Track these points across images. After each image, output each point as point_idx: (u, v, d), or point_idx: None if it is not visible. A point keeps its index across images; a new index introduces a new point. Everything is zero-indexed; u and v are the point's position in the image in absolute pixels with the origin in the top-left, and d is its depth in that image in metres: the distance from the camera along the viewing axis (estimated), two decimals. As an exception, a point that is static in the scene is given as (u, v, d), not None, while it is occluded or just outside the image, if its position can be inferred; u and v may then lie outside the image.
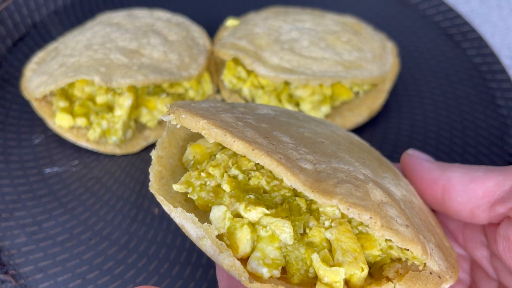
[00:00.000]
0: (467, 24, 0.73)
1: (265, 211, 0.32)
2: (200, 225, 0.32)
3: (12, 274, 0.48)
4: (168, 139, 0.38)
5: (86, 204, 0.54)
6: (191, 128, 0.33)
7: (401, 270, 0.32)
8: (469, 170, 0.38)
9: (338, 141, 0.39)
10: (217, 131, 0.31)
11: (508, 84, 0.64)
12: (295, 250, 0.32)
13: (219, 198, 0.34)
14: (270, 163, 0.29)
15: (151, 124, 0.59)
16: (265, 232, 0.32)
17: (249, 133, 0.32)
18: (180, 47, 0.62)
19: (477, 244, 0.40)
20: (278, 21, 0.64)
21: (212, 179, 0.34)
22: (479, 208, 0.36)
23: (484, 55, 0.69)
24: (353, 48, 0.60)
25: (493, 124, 0.61)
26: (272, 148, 0.31)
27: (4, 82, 0.65)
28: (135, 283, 0.48)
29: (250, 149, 0.30)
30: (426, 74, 0.68)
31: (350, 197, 0.29)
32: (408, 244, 0.30)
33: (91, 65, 0.55)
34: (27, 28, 0.72)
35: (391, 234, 0.29)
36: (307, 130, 0.38)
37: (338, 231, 0.32)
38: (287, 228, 0.31)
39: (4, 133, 0.59)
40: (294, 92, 0.59)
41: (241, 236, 0.32)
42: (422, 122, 0.62)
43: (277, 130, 0.35)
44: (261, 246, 0.32)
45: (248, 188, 0.33)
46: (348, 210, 0.28)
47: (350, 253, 0.31)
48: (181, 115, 0.33)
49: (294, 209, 0.33)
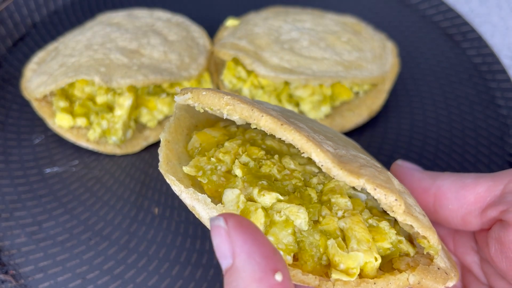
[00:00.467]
0: (467, 24, 0.73)
1: (279, 196, 0.32)
2: (213, 206, 0.31)
3: (12, 274, 0.48)
4: (174, 124, 0.37)
5: (86, 204, 0.54)
6: (212, 106, 0.32)
7: (411, 263, 0.32)
8: (459, 177, 0.38)
9: (343, 140, 0.40)
10: (244, 106, 0.31)
11: (508, 84, 0.64)
12: (309, 236, 0.31)
13: (231, 183, 0.33)
14: (299, 138, 0.29)
15: (151, 124, 0.59)
16: (279, 217, 0.32)
17: (273, 113, 0.31)
18: (180, 47, 0.62)
19: (467, 250, 0.41)
20: (278, 21, 0.64)
21: (222, 164, 0.34)
22: (471, 214, 0.37)
23: (484, 55, 0.69)
24: (353, 48, 0.60)
25: (493, 124, 0.61)
26: (296, 126, 0.31)
27: (4, 82, 0.65)
28: (135, 283, 0.48)
29: (279, 123, 0.29)
30: (426, 74, 0.68)
31: (376, 179, 0.29)
32: (427, 231, 0.30)
33: (91, 65, 0.55)
34: (27, 28, 0.72)
35: (412, 220, 0.30)
36: (314, 126, 0.38)
37: (352, 221, 0.32)
38: (302, 214, 0.31)
39: (4, 133, 0.59)
40: (294, 92, 0.59)
41: (255, 219, 0.31)
42: (422, 122, 0.62)
43: (292, 118, 0.34)
44: (274, 231, 0.31)
45: (260, 175, 0.33)
46: (375, 190, 0.29)
47: (364, 242, 0.31)
48: (202, 92, 0.32)
49: (305, 199, 0.33)
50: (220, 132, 0.37)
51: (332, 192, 0.33)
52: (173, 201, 0.54)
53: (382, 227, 0.33)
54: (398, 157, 0.59)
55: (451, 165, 0.57)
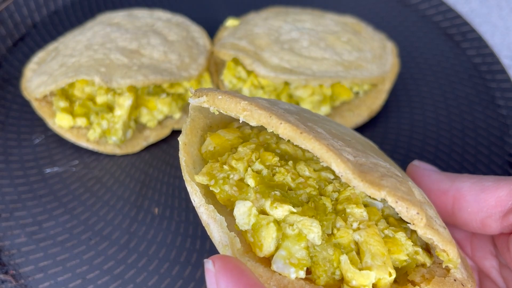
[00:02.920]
0: (467, 24, 0.73)
1: (291, 209, 0.31)
2: (227, 232, 0.31)
3: (12, 274, 0.48)
4: (190, 126, 0.36)
5: (86, 204, 0.54)
6: (228, 110, 0.31)
7: (427, 275, 0.32)
8: (478, 180, 0.38)
9: (361, 142, 0.38)
10: (261, 112, 0.30)
11: (508, 84, 0.64)
12: (323, 251, 0.31)
13: (243, 193, 0.32)
14: (319, 147, 0.28)
15: (151, 124, 0.59)
16: (291, 231, 0.31)
17: (291, 118, 0.30)
18: (180, 47, 0.62)
19: (485, 254, 0.40)
20: (278, 21, 0.64)
21: (235, 173, 0.33)
22: (491, 218, 0.36)
23: (484, 55, 0.69)
24: (353, 48, 0.60)
25: (493, 124, 0.61)
26: (316, 134, 0.30)
27: (4, 82, 0.65)
28: (135, 283, 0.48)
29: (298, 132, 0.28)
30: (426, 74, 0.68)
31: (398, 191, 0.28)
32: (447, 245, 0.29)
33: (91, 65, 0.55)
34: (27, 28, 0.72)
35: (433, 233, 0.29)
36: (332, 128, 0.37)
37: (367, 233, 0.31)
38: (315, 228, 0.30)
39: (4, 133, 0.59)
40: (294, 92, 0.59)
41: (267, 234, 0.30)
42: (422, 122, 0.62)
43: (309, 122, 0.33)
44: (286, 245, 0.30)
45: (273, 184, 0.32)
46: (396, 203, 0.28)
47: (379, 257, 0.30)
48: (218, 96, 0.31)
49: (319, 208, 0.32)
50: (234, 135, 0.36)
51: (348, 201, 0.32)
52: (173, 201, 0.54)
53: (399, 238, 0.32)
54: (398, 157, 0.59)
55: (451, 165, 0.57)
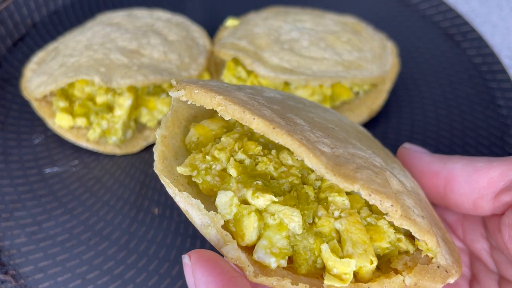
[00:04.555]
0: (467, 24, 0.73)
1: (273, 198, 0.31)
2: (206, 213, 0.31)
3: (12, 274, 0.48)
4: (172, 118, 0.36)
5: (86, 204, 0.54)
6: (204, 105, 0.31)
7: (410, 262, 0.32)
8: (470, 161, 0.37)
9: (346, 129, 0.38)
10: (235, 107, 0.30)
11: (508, 84, 0.64)
12: (303, 240, 0.31)
13: (225, 183, 0.33)
14: (292, 143, 0.28)
15: (151, 124, 0.59)
16: (273, 220, 0.31)
17: (267, 112, 0.31)
18: (180, 47, 0.62)
19: (476, 237, 0.40)
20: (278, 21, 0.64)
21: (217, 163, 0.33)
22: (483, 199, 0.36)
23: (484, 55, 0.69)
24: (353, 48, 0.60)
25: (493, 124, 0.61)
26: (290, 128, 0.30)
27: (4, 82, 0.65)
28: (135, 283, 0.48)
29: (271, 127, 0.29)
30: (426, 74, 0.68)
31: (372, 183, 0.28)
32: (425, 235, 0.29)
33: (91, 65, 0.55)
34: (27, 28, 0.72)
35: (409, 224, 0.29)
36: (316, 115, 0.37)
37: (348, 222, 0.31)
38: (296, 217, 0.30)
39: (4, 133, 0.59)
40: (294, 92, 0.59)
41: (248, 224, 0.31)
42: (422, 122, 0.62)
43: (290, 112, 0.33)
44: (268, 235, 0.31)
45: (255, 174, 0.32)
46: (370, 196, 0.28)
47: (360, 245, 0.30)
48: (194, 91, 0.32)
49: (302, 197, 0.32)
50: (218, 124, 0.36)
51: (330, 189, 0.32)
52: (173, 201, 0.54)
53: (381, 225, 0.32)
54: (398, 157, 0.59)
55: (451, 165, 0.57)
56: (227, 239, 0.30)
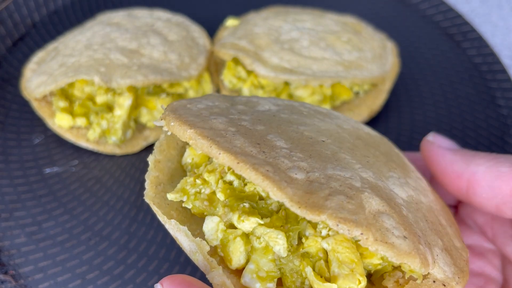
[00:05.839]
0: (467, 24, 0.72)
1: (259, 221, 0.31)
2: (193, 239, 0.31)
3: (12, 274, 0.48)
4: (166, 141, 0.37)
5: (86, 204, 0.54)
6: (180, 137, 0.31)
7: (401, 279, 0.31)
8: (495, 163, 0.36)
9: (341, 138, 0.37)
10: (203, 142, 0.30)
11: (508, 84, 0.64)
12: (289, 263, 0.31)
13: (212, 207, 0.33)
14: (255, 177, 0.28)
15: (151, 124, 0.59)
16: (258, 244, 0.31)
17: (238, 142, 0.30)
18: (180, 47, 0.62)
19: (507, 239, 0.39)
20: (278, 21, 0.64)
21: (207, 186, 0.33)
22: (506, 205, 0.35)
23: (484, 55, 0.69)
24: (353, 48, 0.60)
25: (493, 124, 0.61)
26: (261, 158, 0.29)
27: (4, 82, 0.65)
28: (135, 283, 0.48)
29: (235, 162, 0.29)
30: (426, 74, 0.68)
31: (341, 212, 0.27)
32: (404, 258, 0.28)
33: (91, 65, 0.55)
34: (27, 28, 0.72)
35: (385, 249, 0.28)
36: (308, 128, 0.36)
37: (335, 241, 0.30)
38: (280, 240, 0.30)
39: (4, 133, 0.59)
40: (294, 92, 0.59)
41: (234, 248, 0.31)
42: (422, 122, 0.62)
43: (274, 132, 0.33)
44: (255, 258, 0.31)
45: (243, 195, 0.32)
46: (337, 226, 0.27)
47: (347, 265, 0.30)
48: (170, 123, 0.32)
49: (291, 216, 0.31)
50: None
51: None
52: (173, 201, 0.54)
53: None
54: (398, 157, 0.58)
55: (451, 165, 0.57)
56: (213, 265, 0.30)
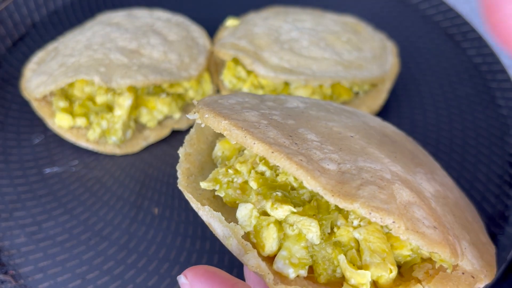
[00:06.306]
0: (467, 24, 0.72)
1: (292, 209, 0.31)
2: (227, 224, 0.31)
3: (12, 274, 0.48)
4: (196, 135, 0.38)
5: (86, 204, 0.54)
6: (214, 129, 0.32)
7: (431, 271, 0.31)
8: None
9: (369, 134, 0.38)
10: (238, 132, 0.31)
11: (508, 84, 0.64)
12: (321, 250, 0.31)
13: (245, 195, 0.33)
14: (289, 166, 0.29)
15: (151, 124, 0.59)
16: (291, 231, 0.31)
17: (271, 133, 0.31)
18: (180, 47, 0.62)
19: None
20: (278, 21, 0.64)
21: (239, 176, 0.34)
22: None
23: (484, 55, 0.69)
24: (353, 48, 0.60)
25: (493, 124, 0.61)
26: (294, 149, 0.30)
27: (3, 82, 0.65)
28: (135, 283, 0.48)
29: (270, 151, 0.29)
30: (426, 74, 0.68)
31: (373, 201, 0.28)
32: (435, 247, 0.29)
33: (91, 65, 0.55)
34: (27, 28, 0.72)
35: (416, 238, 0.28)
36: (336, 124, 0.37)
37: (367, 231, 0.31)
38: (313, 228, 0.31)
39: (4, 133, 0.59)
40: (294, 92, 0.59)
41: (267, 235, 0.31)
42: (422, 122, 0.62)
43: (304, 126, 0.34)
44: (287, 245, 0.31)
45: (276, 185, 0.33)
46: (370, 214, 0.28)
47: (379, 254, 0.30)
48: (205, 115, 0.33)
49: (322, 206, 0.32)
50: None
51: None
52: (173, 201, 0.54)
53: None
54: (398, 157, 0.58)
55: (451, 165, 0.57)
56: (248, 248, 0.30)
